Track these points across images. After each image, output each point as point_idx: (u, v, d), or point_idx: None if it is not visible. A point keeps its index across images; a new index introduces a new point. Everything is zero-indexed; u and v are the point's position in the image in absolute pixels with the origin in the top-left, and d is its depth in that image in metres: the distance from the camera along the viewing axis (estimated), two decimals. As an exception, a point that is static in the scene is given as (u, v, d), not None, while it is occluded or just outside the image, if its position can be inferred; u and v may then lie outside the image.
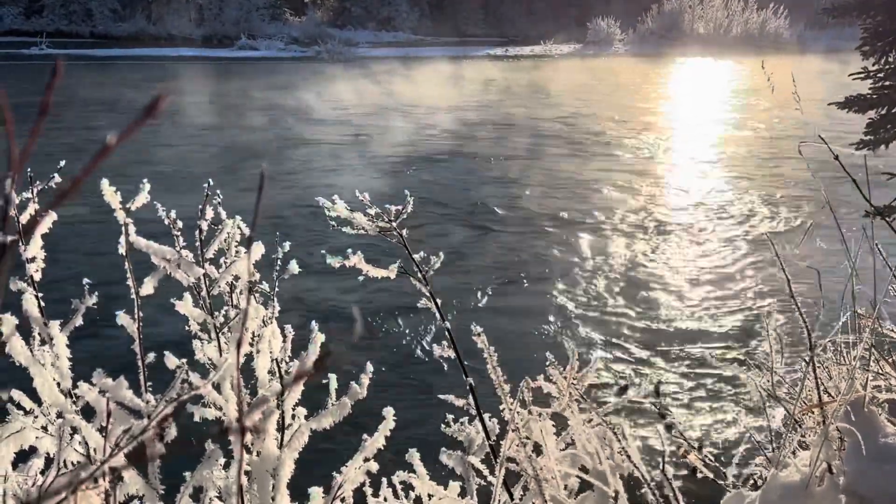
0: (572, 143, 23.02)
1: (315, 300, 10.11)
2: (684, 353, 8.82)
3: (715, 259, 12.30)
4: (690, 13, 68.44)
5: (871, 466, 1.95)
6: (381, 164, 19.59)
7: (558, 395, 2.11)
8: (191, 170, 17.86)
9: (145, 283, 1.81)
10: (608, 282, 11.10)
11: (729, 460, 2.60)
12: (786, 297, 2.16)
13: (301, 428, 1.74)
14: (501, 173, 18.92)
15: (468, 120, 27.39)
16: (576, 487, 2.11)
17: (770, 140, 22.86)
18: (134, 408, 1.60)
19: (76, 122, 23.44)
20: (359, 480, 1.86)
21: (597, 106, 31.24)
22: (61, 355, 1.58)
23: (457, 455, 2.13)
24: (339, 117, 27.43)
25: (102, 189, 1.70)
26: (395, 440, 1.84)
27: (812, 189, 16.21)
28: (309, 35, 64.16)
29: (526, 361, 3.35)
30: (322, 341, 1.76)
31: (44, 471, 1.76)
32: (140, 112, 0.42)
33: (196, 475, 1.68)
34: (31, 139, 0.43)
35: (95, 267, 10.48)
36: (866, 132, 9.48)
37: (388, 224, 2.10)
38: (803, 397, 2.22)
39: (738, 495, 2.22)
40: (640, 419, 6.87)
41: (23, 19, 65.71)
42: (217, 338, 1.91)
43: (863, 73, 9.46)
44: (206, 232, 1.96)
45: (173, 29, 66.37)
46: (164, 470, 1.67)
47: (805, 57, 52.43)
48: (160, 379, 1.75)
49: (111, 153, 0.41)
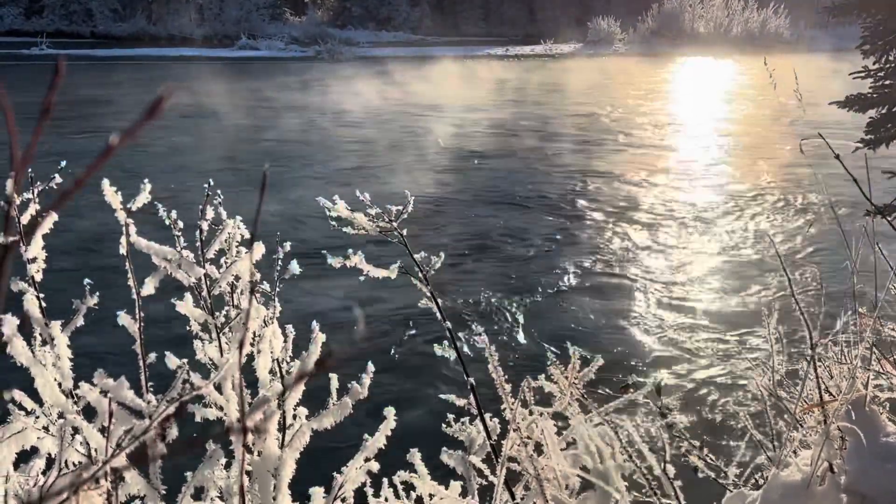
0: (610, 139, 23.58)
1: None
2: (684, 351, 8.82)
3: (714, 257, 12.30)
4: (691, 12, 68.41)
5: (873, 465, 1.95)
6: (441, 160, 19.88)
7: (559, 395, 2.11)
8: (247, 172, 17.69)
9: (146, 283, 1.81)
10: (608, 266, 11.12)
11: (730, 459, 2.60)
12: (787, 295, 2.16)
13: (302, 428, 1.74)
14: (561, 166, 19.44)
15: (501, 118, 27.68)
16: (577, 487, 2.11)
17: (773, 139, 22.85)
18: (135, 408, 1.61)
19: (78, 124, 23.43)
20: (360, 480, 1.86)
21: (619, 103, 31.64)
22: (62, 355, 1.58)
23: (458, 455, 2.13)
24: (373, 117, 27.34)
25: (103, 189, 1.70)
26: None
27: (813, 188, 16.21)
28: (309, 35, 64.18)
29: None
30: (323, 341, 1.76)
31: (45, 471, 1.77)
32: (143, 112, 0.42)
33: (197, 475, 1.68)
34: (34, 139, 0.43)
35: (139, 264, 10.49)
36: (867, 131, 9.48)
37: (389, 224, 2.10)
38: (804, 396, 2.22)
39: (740, 495, 2.22)
40: (640, 418, 6.88)
41: (23, 19, 65.73)
42: (218, 338, 1.91)
43: (863, 71, 9.46)
44: (206, 232, 1.96)
45: (173, 29, 66.40)
46: (166, 470, 1.67)
47: (806, 56, 52.41)
48: (165, 376, 1.75)
49: (114, 154, 0.41)
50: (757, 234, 13.46)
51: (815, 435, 2.15)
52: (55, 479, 1.55)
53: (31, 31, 61.89)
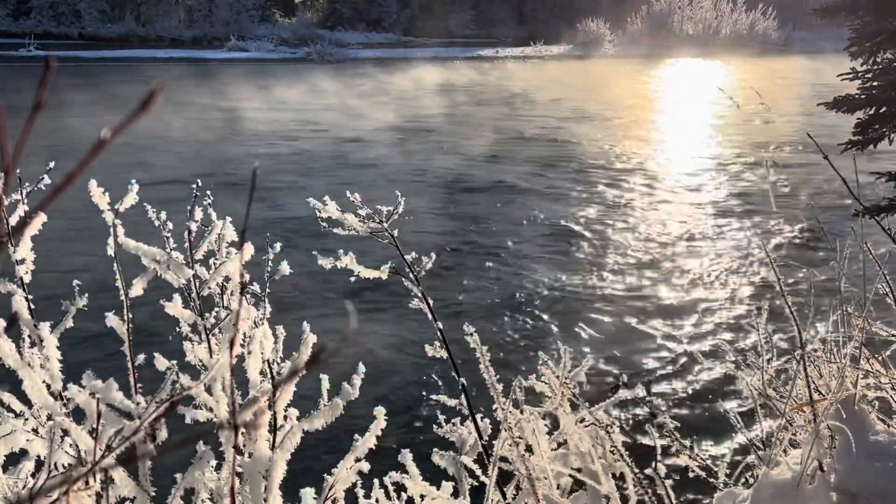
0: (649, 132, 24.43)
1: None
2: (674, 350, 8.85)
3: (704, 257, 12.35)
4: (679, 14, 68.71)
5: (862, 464, 1.96)
6: (526, 151, 20.67)
7: (551, 395, 2.11)
8: (303, 178, 17.56)
9: (134, 283, 1.80)
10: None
11: (720, 458, 2.61)
12: (776, 295, 2.17)
13: (293, 429, 1.74)
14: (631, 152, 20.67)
15: (543, 113, 28.45)
16: (568, 487, 2.12)
17: (762, 140, 22.98)
18: (124, 410, 1.60)
19: (77, 124, 23.27)
20: (350, 481, 1.85)
21: (642, 102, 32.44)
22: (51, 357, 1.57)
23: (449, 455, 2.13)
24: (406, 118, 27.29)
25: (90, 190, 1.70)
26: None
27: (801, 188, 16.30)
28: (299, 36, 64.12)
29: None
30: (314, 342, 1.75)
31: (34, 474, 1.75)
32: (135, 106, 0.41)
33: (187, 477, 1.68)
34: (24, 135, 0.43)
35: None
36: (855, 132, 9.53)
37: (379, 224, 2.10)
38: (794, 395, 2.23)
39: (730, 494, 2.23)
40: (630, 417, 6.89)
41: (10, 20, 65.36)
42: (207, 339, 1.91)
43: (851, 73, 9.51)
44: (206, 232, 1.95)
45: (162, 30, 66.19)
46: (156, 472, 1.66)
47: (793, 58, 52.77)
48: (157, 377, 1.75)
49: (105, 148, 0.41)
50: (746, 235, 13.52)
51: (805, 434, 2.16)
52: (45, 481, 1.54)
53: (18, 32, 61.53)
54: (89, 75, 38.74)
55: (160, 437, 1.45)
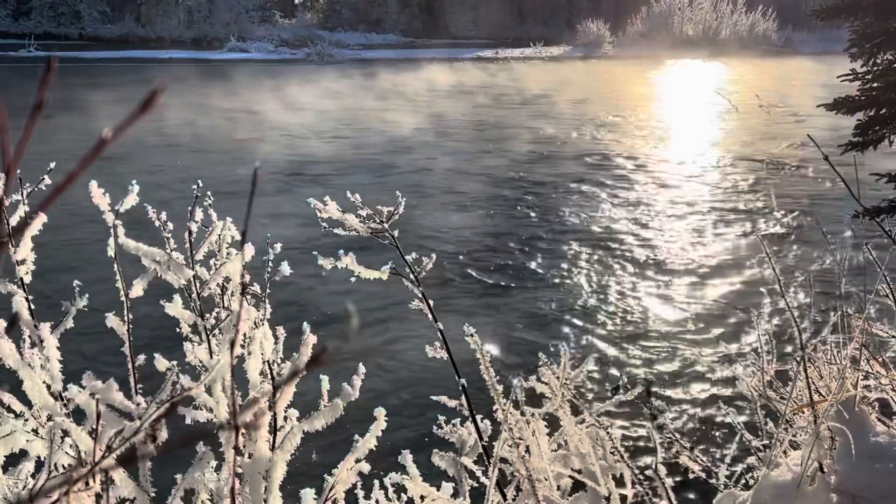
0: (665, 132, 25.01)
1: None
2: (674, 351, 8.84)
3: (704, 258, 12.35)
4: (679, 15, 68.75)
5: (862, 465, 1.96)
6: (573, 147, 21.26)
7: (551, 396, 2.11)
8: (351, 179, 17.51)
9: (135, 284, 1.80)
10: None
11: (721, 460, 2.60)
12: (777, 296, 2.17)
13: (293, 430, 1.73)
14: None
15: (577, 114, 28.86)
16: (568, 488, 2.11)
17: (764, 141, 22.99)
18: (124, 410, 1.60)
19: (77, 125, 23.24)
20: (350, 482, 1.85)
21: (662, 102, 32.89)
22: (52, 357, 1.57)
23: (449, 456, 2.13)
24: (442, 119, 27.28)
25: (91, 191, 1.69)
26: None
27: (804, 189, 16.30)
28: (299, 37, 64.17)
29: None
30: (314, 342, 1.75)
31: (34, 474, 1.75)
32: (137, 106, 0.41)
33: (187, 477, 1.68)
34: (25, 135, 0.43)
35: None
36: (855, 134, 9.52)
37: (380, 225, 2.10)
38: (794, 397, 2.23)
39: (730, 495, 2.23)
40: (631, 419, 6.89)
41: (10, 21, 65.41)
42: (208, 340, 1.91)
43: (851, 74, 9.51)
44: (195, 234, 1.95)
45: (162, 31, 66.24)
46: (156, 473, 1.66)
47: (794, 58, 52.80)
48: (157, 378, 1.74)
49: (107, 148, 0.41)
50: (747, 236, 13.52)
51: (806, 435, 2.16)
52: (45, 481, 1.54)
53: (18, 33, 61.56)
54: (98, 75, 38.77)
55: (160, 437, 1.45)
